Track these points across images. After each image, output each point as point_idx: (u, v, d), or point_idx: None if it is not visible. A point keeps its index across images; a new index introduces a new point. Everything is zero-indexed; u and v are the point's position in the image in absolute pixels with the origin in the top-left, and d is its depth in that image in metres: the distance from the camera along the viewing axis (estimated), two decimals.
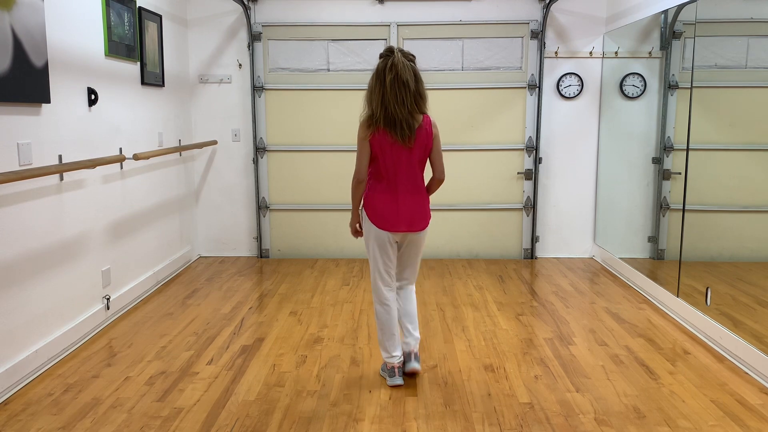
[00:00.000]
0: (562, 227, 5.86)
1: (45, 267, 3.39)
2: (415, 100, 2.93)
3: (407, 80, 2.89)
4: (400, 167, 3.00)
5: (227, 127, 5.79)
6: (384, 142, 2.97)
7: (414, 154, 3.00)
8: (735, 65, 3.72)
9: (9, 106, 3.06)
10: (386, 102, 2.91)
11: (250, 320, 4.12)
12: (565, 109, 5.69)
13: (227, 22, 5.64)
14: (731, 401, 2.96)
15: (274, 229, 5.90)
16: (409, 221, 3.05)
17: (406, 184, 3.03)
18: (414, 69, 2.93)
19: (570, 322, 4.08)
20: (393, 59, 2.90)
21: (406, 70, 2.89)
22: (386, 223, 3.04)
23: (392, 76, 2.88)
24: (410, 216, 3.05)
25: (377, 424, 2.75)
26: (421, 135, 2.99)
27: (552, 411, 2.87)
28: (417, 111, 2.95)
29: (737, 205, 3.74)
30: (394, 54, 2.91)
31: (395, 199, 3.03)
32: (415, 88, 2.92)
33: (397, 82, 2.88)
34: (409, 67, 2.91)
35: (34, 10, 3.20)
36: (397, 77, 2.88)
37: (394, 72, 2.88)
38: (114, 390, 3.09)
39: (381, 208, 3.03)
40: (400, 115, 2.91)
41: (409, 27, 5.61)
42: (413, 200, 3.05)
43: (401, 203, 3.03)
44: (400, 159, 2.99)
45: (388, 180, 3.03)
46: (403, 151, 2.98)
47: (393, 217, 3.03)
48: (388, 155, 2.99)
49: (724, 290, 3.72)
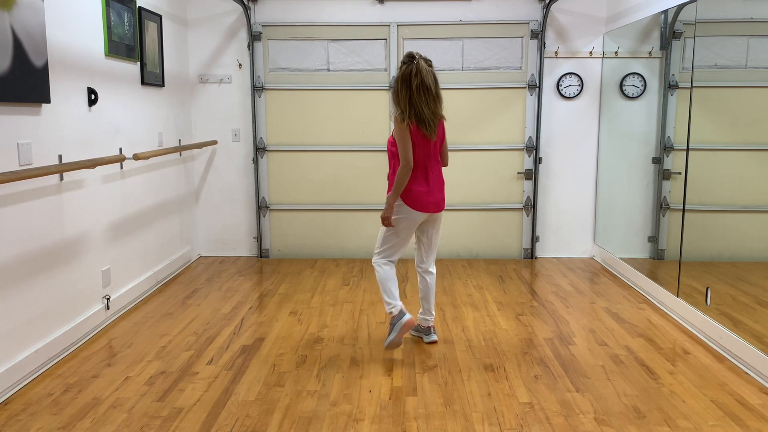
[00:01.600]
0: (562, 227, 5.86)
1: (45, 267, 3.39)
2: (436, 101, 3.40)
3: (430, 85, 3.34)
4: (429, 157, 3.45)
5: (227, 127, 5.79)
6: (416, 136, 3.38)
7: (437, 146, 3.49)
8: (735, 65, 3.72)
9: (9, 106, 3.06)
10: (413, 103, 3.34)
11: (250, 320, 4.12)
12: (565, 109, 5.69)
13: (227, 22, 5.65)
14: (731, 401, 2.96)
15: (274, 229, 5.91)
16: (436, 203, 3.51)
17: (434, 171, 3.50)
18: (435, 75, 3.38)
19: (570, 322, 4.08)
20: (418, 66, 3.31)
21: (430, 76, 3.34)
22: (421, 206, 3.46)
23: (418, 82, 3.31)
24: (438, 198, 3.51)
25: (377, 424, 2.75)
26: (440, 130, 3.48)
27: (552, 411, 2.87)
28: (439, 110, 3.42)
29: (737, 205, 3.74)
30: (417, 60, 3.32)
31: (428, 183, 3.47)
32: (435, 91, 3.38)
33: (423, 87, 3.32)
34: (432, 73, 3.36)
35: (34, 10, 3.20)
36: (422, 83, 3.32)
37: (420, 78, 3.31)
38: (114, 390, 3.09)
39: (418, 191, 3.44)
40: (426, 113, 3.36)
41: (409, 27, 5.61)
42: (440, 185, 3.53)
43: (432, 187, 3.48)
44: (428, 150, 3.45)
45: (422, 169, 3.45)
46: (429, 143, 3.43)
47: (427, 200, 3.46)
48: (420, 147, 3.41)
49: (724, 290, 3.72)
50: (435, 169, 3.50)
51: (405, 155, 3.37)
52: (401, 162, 3.38)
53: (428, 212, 3.49)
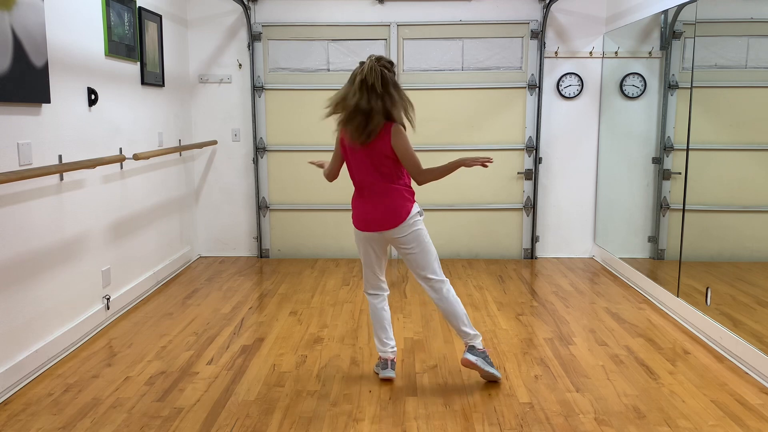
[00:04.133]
0: (562, 227, 5.86)
1: (45, 267, 3.39)
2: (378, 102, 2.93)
3: (373, 83, 2.92)
4: (361, 170, 3.08)
5: (227, 127, 5.79)
6: (345, 143, 3.07)
7: (373, 159, 3.02)
8: (735, 65, 3.72)
9: (9, 106, 3.06)
10: (348, 101, 2.95)
11: (250, 320, 4.12)
12: (565, 109, 5.69)
13: (227, 22, 5.64)
14: (731, 401, 2.96)
15: (274, 229, 5.91)
16: (378, 222, 3.08)
17: (369, 187, 3.08)
18: (383, 73, 2.94)
19: (570, 322, 4.08)
20: (365, 65, 2.96)
21: (373, 73, 2.92)
22: (357, 222, 3.16)
23: (360, 78, 2.94)
24: (377, 217, 3.07)
25: (377, 424, 2.75)
26: (377, 141, 2.98)
27: (552, 411, 2.87)
28: (379, 114, 2.94)
29: (737, 205, 3.74)
30: (368, 60, 2.97)
31: (362, 202, 3.13)
32: (383, 91, 2.93)
33: (364, 84, 2.93)
34: (378, 70, 2.93)
35: (34, 10, 3.20)
36: (364, 79, 2.93)
37: (363, 75, 2.94)
38: (114, 390, 3.09)
39: (354, 209, 3.17)
40: (354, 114, 2.95)
41: (409, 27, 5.61)
42: (378, 202, 3.07)
43: (367, 205, 3.10)
44: (361, 162, 3.06)
45: (354, 181, 3.15)
46: (361, 153, 3.04)
47: (363, 219, 3.12)
48: (350, 157, 3.09)
49: (724, 290, 3.72)
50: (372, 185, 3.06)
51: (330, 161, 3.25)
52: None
53: (368, 231, 3.11)
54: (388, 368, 3.19)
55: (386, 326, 3.24)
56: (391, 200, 3.06)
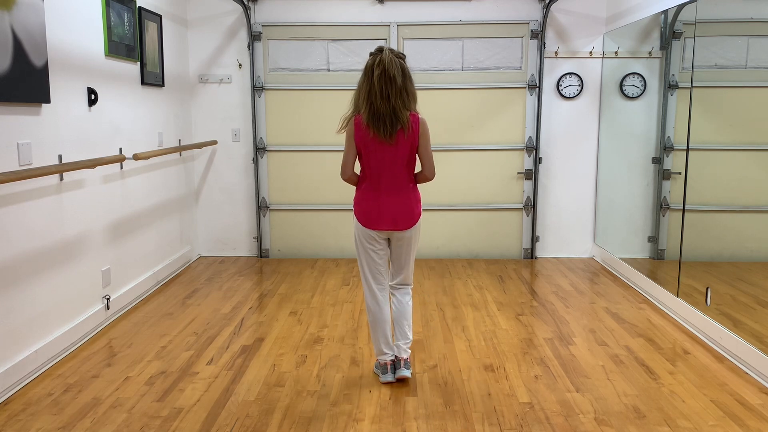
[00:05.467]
0: (562, 227, 5.86)
1: (45, 267, 3.39)
2: (401, 96, 2.92)
3: (394, 75, 2.88)
4: (383, 165, 3.01)
5: (227, 127, 5.79)
6: (367, 139, 2.99)
7: (399, 152, 3.00)
8: (735, 65, 3.72)
9: (9, 106, 3.06)
10: (372, 97, 2.91)
11: (250, 320, 4.12)
12: (565, 109, 5.69)
13: (227, 22, 5.64)
14: (731, 401, 2.96)
15: (274, 229, 5.90)
16: (392, 220, 3.05)
17: (389, 183, 3.04)
18: (402, 65, 2.93)
19: (570, 322, 4.08)
20: (381, 56, 2.91)
21: (394, 66, 2.89)
22: (367, 221, 3.07)
23: (379, 71, 2.89)
24: (393, 215, 3.05)
25: (377, 424, 2.75)
26: (406, 133, 2.97)
27: (552, 411, 2.87)
28: (402, 107, 2.94)
29: (737, 205, 3.74)
30: (383, 51, 2.93)
31: (377, 197, 3.05)
32: (402, 83, 2.91)
33: (385, 77, 2.89)
34: (397, 63, 2.91)
35: (34, 10, 3.20)
36: (384, 72, 2.88)
37: (382, 67, 2.89)
38: (114, 390, 3.09)
39: (366, 204, 3.07)
40: (383, 110, 2.91)
41: (409, 27, 5.61)
42: (397, 199, 3.04)
43: (383, 202, 3.04)
44: (384, 157, 3.00)
45: (371, 178, 3.05)
46: (387, 148, 2.99)
47: (375, 215, 3.05)
48: (372, 153, 3.01)
49: (724, 290, 3.72)
50: (395, 179, 3.03)
51: (343, 159, 3.10)
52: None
53: (378, 230, 3.06)
54: (388, 372, 3.16)
55: (387, 331, 3.17)
56: (407, 199, 3.06)
